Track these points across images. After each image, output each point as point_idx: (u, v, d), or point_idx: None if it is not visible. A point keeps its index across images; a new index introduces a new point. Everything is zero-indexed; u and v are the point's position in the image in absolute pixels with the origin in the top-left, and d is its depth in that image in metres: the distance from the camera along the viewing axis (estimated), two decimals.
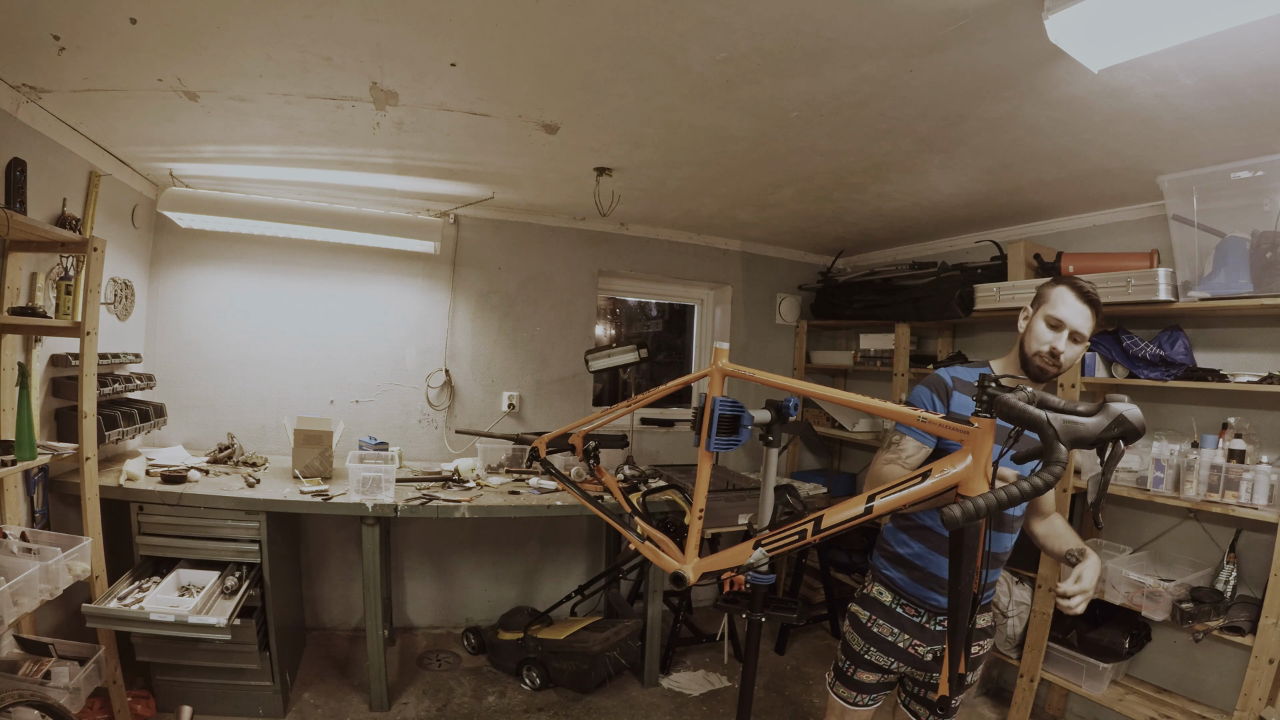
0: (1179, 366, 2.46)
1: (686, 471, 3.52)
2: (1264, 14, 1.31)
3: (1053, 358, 1.55)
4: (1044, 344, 1.56)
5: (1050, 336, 1.55)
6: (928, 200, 3.01)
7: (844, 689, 1.79)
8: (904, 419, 1.26)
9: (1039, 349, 1.57)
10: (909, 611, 1.70)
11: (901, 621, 1.71)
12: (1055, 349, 1.54)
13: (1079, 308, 1.54)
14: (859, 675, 1.75)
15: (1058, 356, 1.54)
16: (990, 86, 1.83)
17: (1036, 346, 1.57)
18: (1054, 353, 1.55)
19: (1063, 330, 1.54)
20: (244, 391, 3.37)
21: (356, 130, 2.37)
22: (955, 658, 1.20)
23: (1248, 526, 2.33)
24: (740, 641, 3.50)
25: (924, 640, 1.68)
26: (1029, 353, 1.59)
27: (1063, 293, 1.56)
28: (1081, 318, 1.54)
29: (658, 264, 4.09)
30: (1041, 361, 1.57)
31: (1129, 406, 1.03)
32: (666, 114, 2.15)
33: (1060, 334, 1.55)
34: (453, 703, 2.89)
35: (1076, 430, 1.01)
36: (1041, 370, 1.57)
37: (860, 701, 1.77)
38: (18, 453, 2.02)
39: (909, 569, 1.71)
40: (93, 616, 2.17)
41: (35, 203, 2.22)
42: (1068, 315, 1.54)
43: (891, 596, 1.73)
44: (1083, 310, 1.54)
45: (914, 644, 1.69)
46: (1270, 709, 2.11)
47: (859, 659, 1.75)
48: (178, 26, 1.69)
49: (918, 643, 1.69)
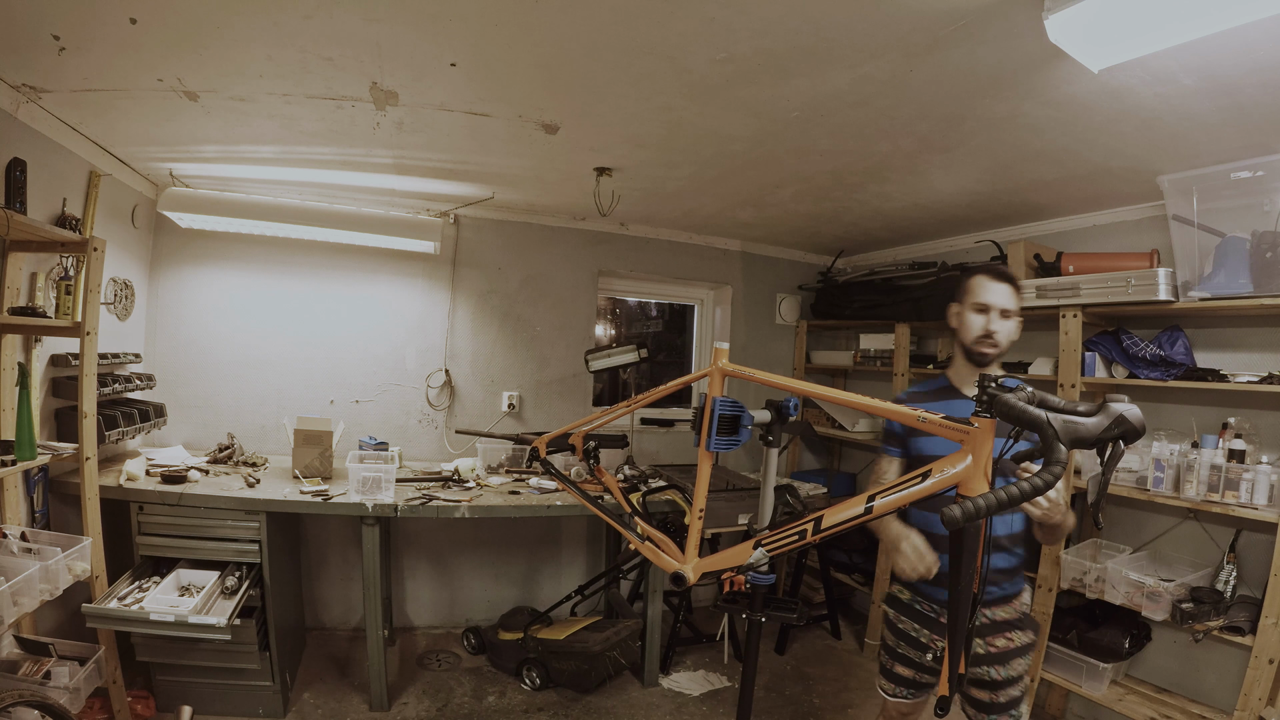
0: (1179, 366, 2.46)
1: (686, 471, 3.52)
2: (1264, 14, 1.32)
3: (988, 338, 1.69)
4: (978, 329, 1.70)
5: (981, 321, 1.71)
6: (928, 200, 3.01)
7: (884, 680, 1.87)
8: (904, 418, 1.26)
9: (975, 335, 1.71)
10: (925, 608, 1.78)
11: (921, 618, 1.78)
12: (988, 329, 1.69)
13: (997, 287, 1.70)
14: (896, 669, 1.84)
15: (992, 335, 1.68)
16: (990, 86, 1.83)
17: (973, 334, 1.72)
18: (988, 334, 1.69)
19: (990, 312, 1.69)
20: (244, 391, 3.37)
21: (356, 130, 2.37)
22: (955, 657, 1.20)
23: (1248, 526, 2.33)
24: (740, 641, 3.50)
25: (941, 635, 1.71)
26: (968, 343, 1.73)
27: (979, 280, 1.72)
28: (1003, 295, 1.69)
29: (658, 264, 4.09)
30: (981, 346, 1.70)
31: (1129, 406, 1.03)
32: (667, 114, 2.15)
33: (989, 316, 1.69)
34: (453, 703, 2.89)
35: (1076, 430, 1.02)
36: (983, 354, 1.70)
37: (899, 694, 1.83)
38: (18, 453, 2.02)
39: None
40: (93, 616, 2.17)
41: (35, 203, 2.22)
42: (990, 298, 1.70)
43: (910, 594, 1.83)
44: (1001, 288, 1.70)
45: (933, 639, 1.74)
46: (1270, 709, 2.11)
47: (893, 653, 1.85)
48: (178, 26, 1.69)
49: (936, 638, 1.74)
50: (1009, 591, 1.74)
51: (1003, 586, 1.72)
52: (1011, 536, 1.71)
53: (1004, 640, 1.70)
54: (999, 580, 1.70)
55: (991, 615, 1.72)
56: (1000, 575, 1.70)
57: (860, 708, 3.06)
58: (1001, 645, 1.70)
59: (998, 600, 1.72)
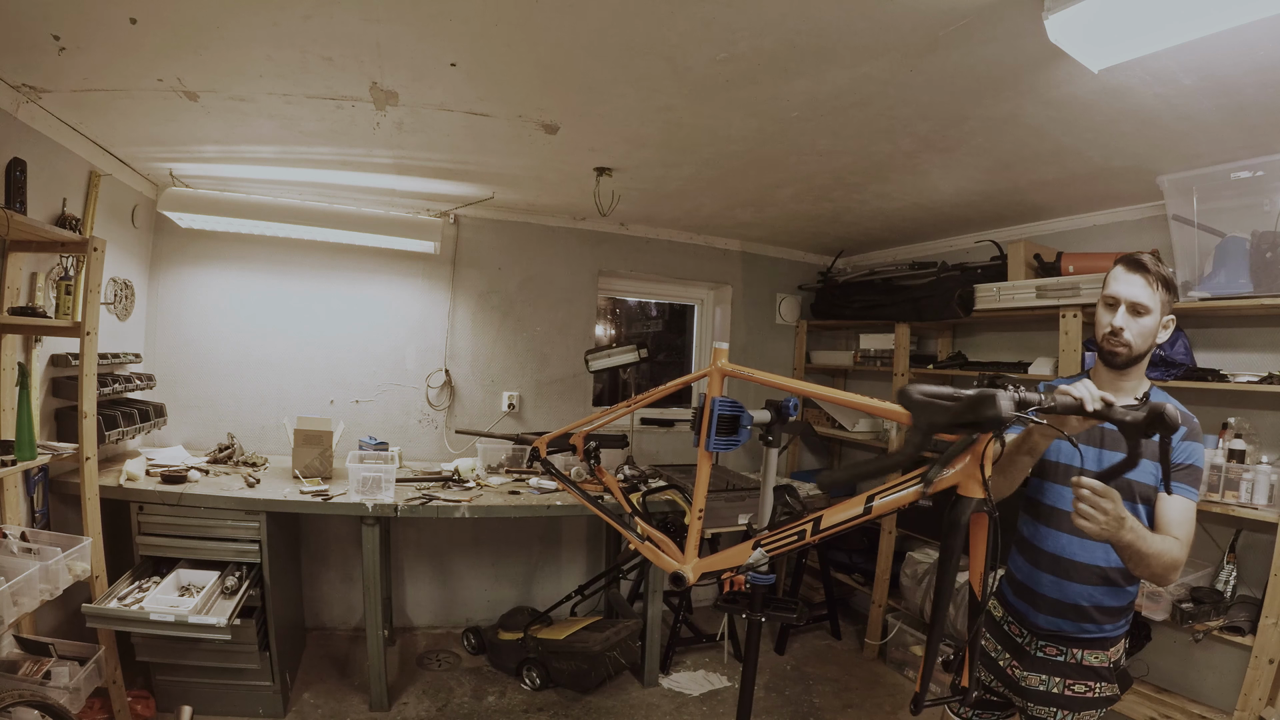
0: (1179, 366, 2.46)
1: (686, 471, 3.52)
2: (1264, 14, 1.31)
3: (1115, 336, 1.49)
4: (1104, 326, 1.51)
5: (1108, 317, 1.51)
6: (928, 200, 3.01)
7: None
8: (902, 419, 1.25)
9: (1102, 332, 1.52)
10: (1013, 630, 1.65)
11: (1005, 639, 1.66)
12: (1114, 327, 1.49)
13: (1128, 277, 1.49)
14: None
15: (1119, 334, 1.48)
16: (990, 86, 1.83)
17: (1100, 331, 1.53)
18: (1114, 331, 1.49)
19: (1118, 306, 1.49)
20: (244, 391, 3.37)
21: (356, 130, 2.37)
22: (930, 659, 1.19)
23: (1248, 526, 2.33)
24: (740, 641, 3.50)
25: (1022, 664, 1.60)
26: (1098, 341, 1.54)
27: (1114, 271, 1.53)
28: (1135, 287, 1.47)
29: (658, 264, 4.09)
30: (1108, 344, 1.51)
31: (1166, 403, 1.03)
32: (666, 114, 2.15)
33: (1116, 311, 1.49)
34: (453, 703, 2.89)
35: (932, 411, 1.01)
36: (1112, 353, 1.51)
37: (963, 714, 1.67)
38: (18, 453, 2.02)
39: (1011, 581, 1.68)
40: (93, 616, 2.17)
41: (35, 203, 2.22)
42: (1118, 289, 1.49)
43: (1002, 611, 1.69)
44: (1132, 279, 1.48)
45: (1012, 664, 1.62)
46: (1270, 709, 2.11)
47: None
48: (178, 26, 1.69)
49: (1015, 664, 1.61)
50: (1108, 634, 1.55)
51: (1103, 627, 1.53)
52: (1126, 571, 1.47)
53: (1084, 686, 1.54)
54: (1101, 619, 1.53)
55: (1080, 656, 1.54)
56: (1104, 614, 1.52)
57: (860, 708, 3.05)
58: (1079, 691, 1.53)
59: (1093, 642, 1.54)
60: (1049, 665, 1.56)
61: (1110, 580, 1.51)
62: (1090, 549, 1.50)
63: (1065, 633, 1.55)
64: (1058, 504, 1.56)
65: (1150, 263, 1.48)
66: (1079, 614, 1.53)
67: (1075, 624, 1.54)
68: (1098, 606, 1.52)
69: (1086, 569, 1.51)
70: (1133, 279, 1.48)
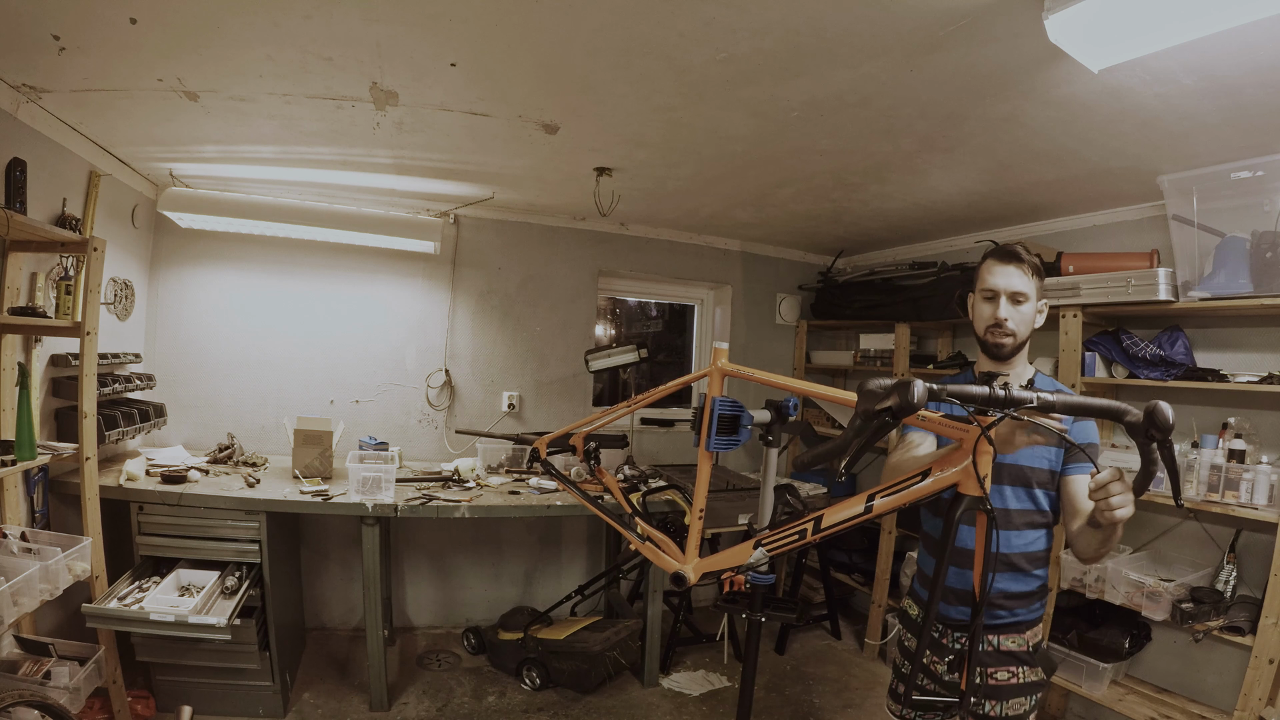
0: (1179, 366, 2.46)
1: (686, 471, 3.52)
2: (1264, 14, 1.31)
3: (998, 328, 1.52)
4: (987, 319, 1.54)
5: (989, 309, 1.54)
6: (928, 200, 3.01)
7: (892, 702, 1.69)
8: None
9: (985, 325, 1.55)
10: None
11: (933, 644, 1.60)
12: (998, 318, 1.52)
13: (1003, 269, 1.53)
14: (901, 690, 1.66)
15: (1003, 324, 1.51)
16: (990, 86, 1.83)
17: (982, 324, 1.56)
18: (998, 322, 1.52)
19: (998, 298, 1.53)
20: (244, 391, 3.37)
21: (356, 130, 2.37)
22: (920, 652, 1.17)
23: (1248, 526, 2.33)
24: (740, 641, 3.50)
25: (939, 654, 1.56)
26: (979, 334, 1.58)
27: (986, 264, 1.57)
28: (1011, 277, 1.52)
29: (658, 264, 4.09)
30: (993, 336, 1.54)
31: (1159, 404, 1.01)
32: (666, 114, 2.15)
33: (998, 303, 1.53)
34: (453, 703, 2.89)
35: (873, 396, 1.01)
36: (997, 345, 1.54)
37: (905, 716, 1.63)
38: (18, 453, 2.02)
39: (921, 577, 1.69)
40: (93, 616, 2.17)
41: (35, 203, 2.22)
42: (996, 281, 1.53)
43: (917, 610, 1.66)
44: (1008, 269, 1.52)
45: (933, 660, 1.58)
46: (1270, 709, 2.11)
47: (899, 673, 1.68)
48: (178, 26, 1.69)
49: (935, 659, 1.57)
50: (1020, 619, 1.54)
51: (1014, 613, 1.53)
52: (1030, 556, 1.52)
53: (1006, 673, 1.51)
54: (1009, 605, 1.52)
55: (996, 643, 1.52)
56: (1011, 600, 1.52)
57: (860, 708, 3.05)
58: (1002, 679, 1.51)
59: (1006, 627, 1.53)
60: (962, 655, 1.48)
61: (1015, 566, 1.51)
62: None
63: None
64: None
65: (1022, 252, 1.53)
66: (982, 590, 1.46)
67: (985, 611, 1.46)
68: (1002, 593, 1.50)
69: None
70: (1008, 270, 1.52)
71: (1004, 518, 1.50)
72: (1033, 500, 1.51)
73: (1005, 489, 1.50)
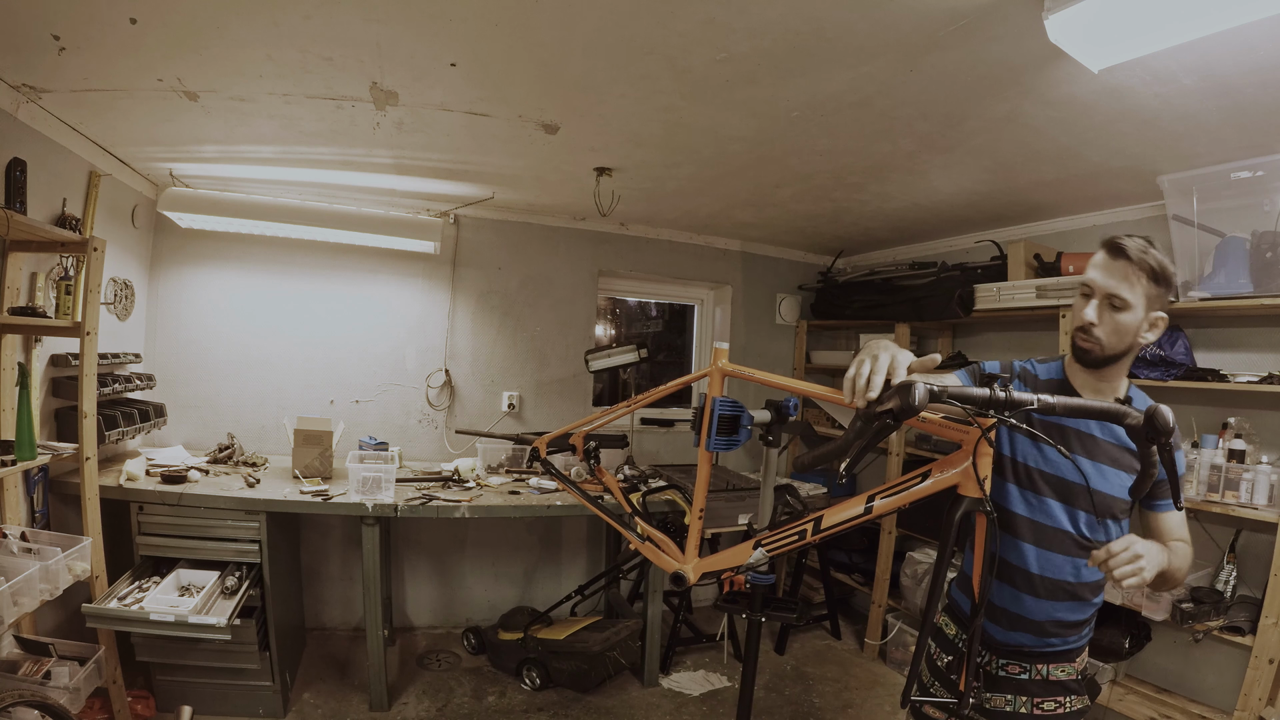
0: (1179, 366, 2.46)
1: (686, 471, 3.52)
2: (1264, 14, 1.31)
3: (1084, 332, 1.30)
4: (1077, 319, 1.32)
5: (1079, 307, 1.31)
6: (928, 200, 3.01)
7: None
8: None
9: (1074, 325, 1.33)
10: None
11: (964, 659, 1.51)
12: (1085, 321, 1.29)
13: (1108, 264, 1.28)
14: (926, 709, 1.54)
15: (1089, 330, 1.29)
16: (990, 86, 1.83)
17: (1072, 324, 1.35)
18: (1083, 325, 1.30)
19: (1092, 296, 1.30)
20: (244, 391, 3.37)
21: (356, 130, 2.37)
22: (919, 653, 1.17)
23: (1248, 526, 2.33)
24: (740, 641, 3.50)
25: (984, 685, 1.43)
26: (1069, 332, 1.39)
27: (1095, 256, 1.32)
28: (1109, 274, 1.27)
29: (658, 264, 4.09)
30: (1078, 340, 1.33)
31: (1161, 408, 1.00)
32: (666, 114, 2.15)
33: (1089, 303, 1.30)
34: (453, 703, 2.89)
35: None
36: (1083, 351, 1.32)
37: None
38: (18, 453, 2.02)
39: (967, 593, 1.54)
40: (93, 616, 2.17)
41: (35, 203, 2.22)
42: (1094, 276, 1.30)
43: (955, 629, 1.50)
44: (1109, 264, 1.27)
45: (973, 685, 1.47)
46: (1270, 709, 2.11)
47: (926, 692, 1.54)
48: (178, 26, 1.69)
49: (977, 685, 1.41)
50: (1073, 646, 1.41)
51: (1066, 640, 1.39)
52: (1094, 585, 1.39)
53: (1053, 703, 1.39)
54: (1063, 633, 1.39)
55: (1045, 672, 1.40)
56: (1065, 628, 1.38)
57: (860, 708, 3.06)
58: (1049, 709, 1.39)
59: (1058, 655, 1.40)
60: (1013, 685, 1.41)
61: (1077, 596, 1.37)
62: (1057, 564, 1.35)
63: (1026, 647, 1.40)
64: (1018, 509, 1.37)
65: (1135, 249, 1.26)
66: (1038, 629, 1.38)
67: (1036, 639, 1.39)
68: (1057, 622, 1.37)
69: (1052, 584, 1.35)
70: (1114, 266, 1.28)
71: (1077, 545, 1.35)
72: (1105, 532, 1.35)
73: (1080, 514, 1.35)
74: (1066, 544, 1.34)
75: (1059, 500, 1.34)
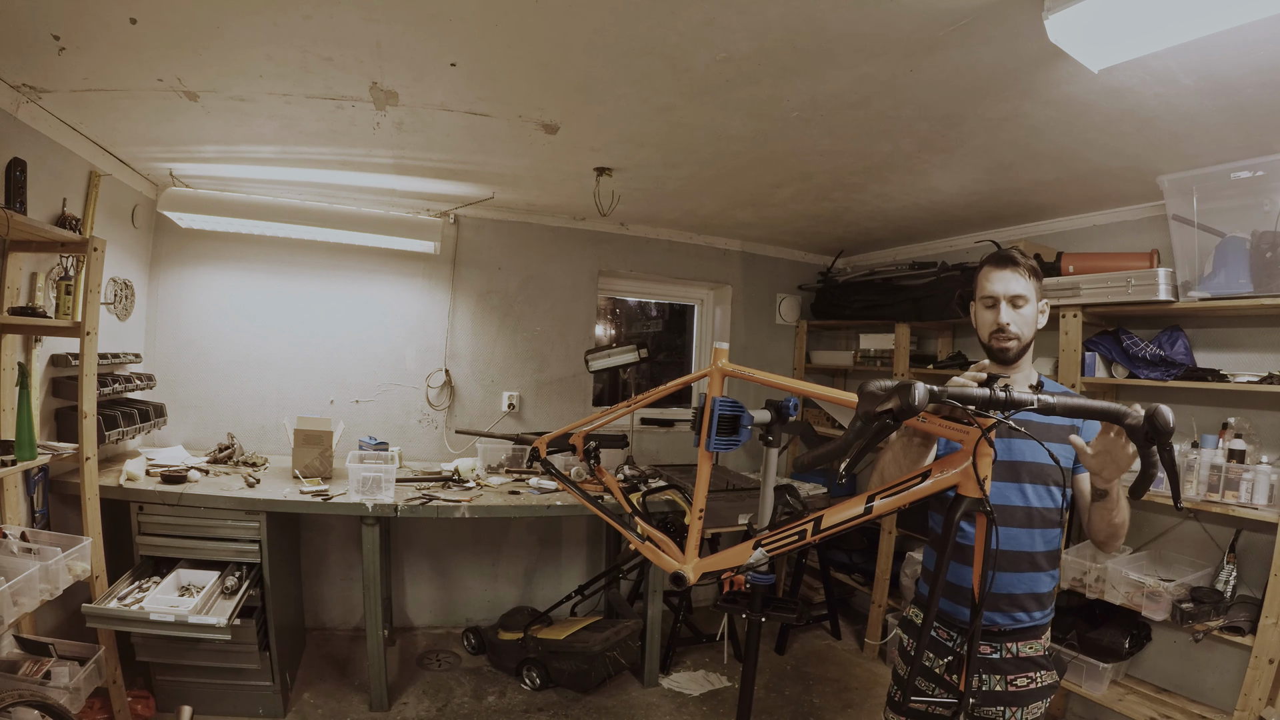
0: (1179, 366, 2.46)
1: (686, 471, 3.52)
2: (1264, 14, 1.31)
3: (1002, 333, 1.53)
4: (990, 325, 1.55)
5: (991, 316, 1.55)
6: (928, 200, 3.01)
7: (892, 713, 1.62)
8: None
9: (989, 331, 1.56)
10: (941, 634, 1.55)
11: (936, 645, 1.55)
12: (1001, 323, 1.52)
13: (999, 274, 1.54)
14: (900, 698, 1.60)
15: (1006, 329, 1.52)
16: (990, 86, 1.83)
17: (985, 331, 1.57)
18: (1001, 328, 1.52)
19: (998, 304, 1.54)
20: (244, 391, 3.37)
21: (356, 130, 2.37)
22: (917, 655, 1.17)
23: (1248, 526, 2.33)
24: (740, 641, 3.50)
25: (938, 654, 1.53)
26: (984, 342, 1.59)
27: (984, 272, 1.58)
28: (1009, 282, 1.53)
29: (658, 264, 4.09)
30: (997, 341, 1.54)
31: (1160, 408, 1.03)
32: (666, 114, 2.15)
33: (998, 309, 1.54)
34: (453, 703, 2.89)
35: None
36: (1002, 350, 1.54)
37: None
38: (18, 453, 2.02)
39: (925, 574, 1.68)
40: (93, 616, 2.17)
41: (35, 203, 2.22)
42: (994, 288, 1.54)
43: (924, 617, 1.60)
44: (1004, 275, 1.53)
45: (935, 662, 1.54)
46: (1270, 709, 2.11)
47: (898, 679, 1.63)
48: (178, 26, 1.69)
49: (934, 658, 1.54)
50: (1040, 622, 1.51)
51: (1033, 615, 1.49)
52: (1049, 555, 1.49)
53: (1025, 679, 1.48)
54: (1031, 607, 1.48)
55: (1016, 649, 1.48)
56: (1031, 600, 1.48)
57: (860, 708, 3.05)
58: (1023, 685, 1.47)
59: (1026, 632, 1.49)
60: (986, 664, 1.49)
61: (1036, 565, 1.49)
62: (1014, 535, 1.47)
63: (997, 626, 1.48)
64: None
65: (1018, 255, 1.54)
66: (1012, 603, 1.47)
67: (1007, 615, 1.48)
68: (1031, 594, 1.48)
69: (1014, 555, 1.47)
70: (1005, 274, 1.53)
71: (1028, 516, 1.48)
72: (1051, 498, 1.49)
73: (1026, 487, 1.49)
74: (1019, 516, 1.48)
75: (1010, 481, 1.48)
